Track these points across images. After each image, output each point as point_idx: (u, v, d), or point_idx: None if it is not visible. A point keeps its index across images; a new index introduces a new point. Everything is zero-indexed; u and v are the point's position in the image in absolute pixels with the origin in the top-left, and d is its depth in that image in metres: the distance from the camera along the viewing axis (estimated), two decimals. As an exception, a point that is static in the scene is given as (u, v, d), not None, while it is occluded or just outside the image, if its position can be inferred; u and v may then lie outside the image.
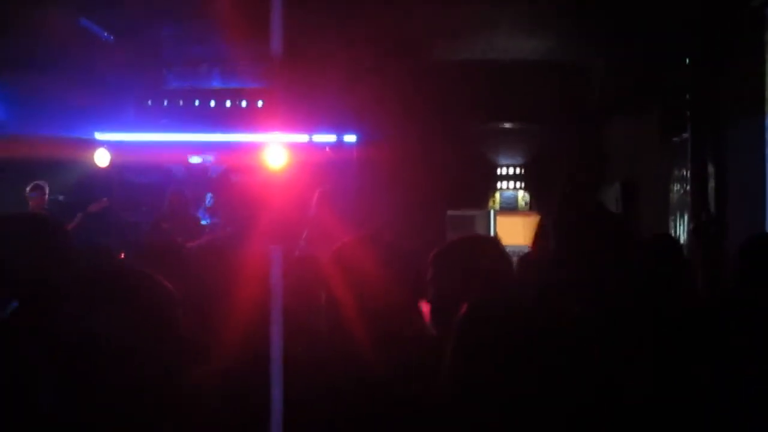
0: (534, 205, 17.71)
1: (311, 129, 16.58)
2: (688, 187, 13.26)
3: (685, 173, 13.49)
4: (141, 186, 17.87)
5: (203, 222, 16.46)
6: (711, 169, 12.81)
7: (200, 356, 4.19)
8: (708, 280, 11.16)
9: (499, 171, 18.07)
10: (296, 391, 3.21)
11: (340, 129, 16.87)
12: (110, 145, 17.56)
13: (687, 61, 13.30)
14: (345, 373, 3.94)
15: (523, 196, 17.99)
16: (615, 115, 16.29)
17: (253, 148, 16.91)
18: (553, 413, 3.92)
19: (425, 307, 4.56)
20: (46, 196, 15.70)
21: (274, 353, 2.97)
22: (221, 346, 4.23)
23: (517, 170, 18.04)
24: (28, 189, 15.73)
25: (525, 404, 3.89)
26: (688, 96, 13.37)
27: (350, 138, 16.98)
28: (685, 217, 13.46)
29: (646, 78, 14.61)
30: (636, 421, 4.19)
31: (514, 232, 16.56)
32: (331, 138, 16.99)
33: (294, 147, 16.21)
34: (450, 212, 16.54)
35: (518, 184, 18.04)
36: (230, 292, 4.39)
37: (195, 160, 18.54)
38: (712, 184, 12.76)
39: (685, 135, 13.46)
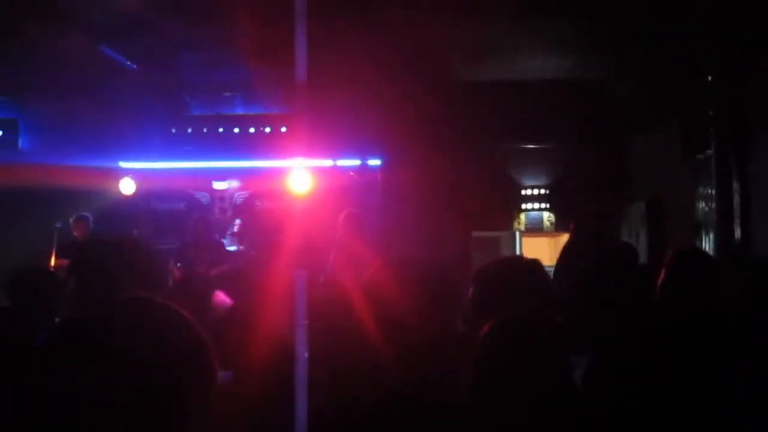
0: (559, 226, 17.65)
1: (335, 153, 16.59)
2: (713, 205, 13.21)
3: (710, 191, 13.45)
4: (166, 213, 17.91)
5: (229, 248, 16.48)
6: (736, 185, 12.76)
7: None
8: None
9: (523, 192, 18.04)
10: (321, 414, 3.21)
11: (364, 153, 16.88)
12: (135, 174, 17.61)
13: (709, 78, 13.26)
14: (376, 394, 3.93)
15: (548, 217, 17.94)
16: (638, 133, 16.26)
17: (277, 173, 16.93)
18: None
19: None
20: (90, 226, 15.79)
21: (298, 376, 2.98)
22: (245, 372, 4.25)
23: (542, 191, 18.00)
24: (72, 219, 15.82)
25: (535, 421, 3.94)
26: (711, 112, 13.32)
27: (374, 161, 17.00)
28: (711, 235, 13.42)
29: (668, 96, 14.58)
30: None
31: (540, 253, 16.52)
32: (356, 162, 17.00)
33: (318, 171, 16.23)
34: (475, 233, 16.54)
35: (543, 205, 18.00)
36: (253, 317, 4.39)
37: (220, 186, 18.57)
38: (737, 200, 12.71)
39: (709, 152, 13.42)
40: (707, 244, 13.48)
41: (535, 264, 5.17)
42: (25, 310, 6.27)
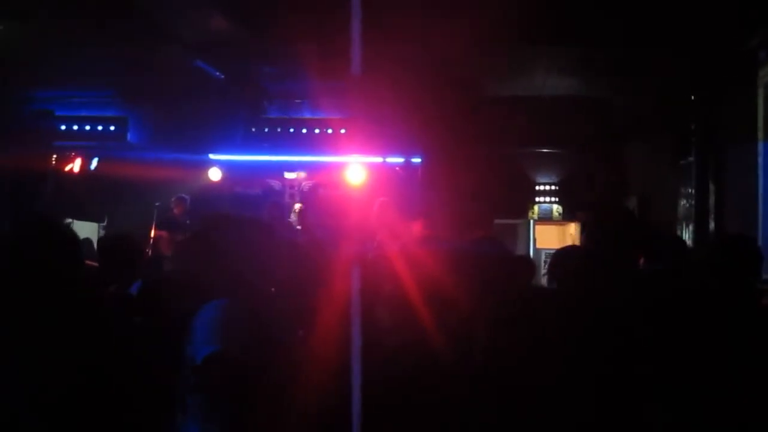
0: (566, 216, 17.65)
1: (384, 152, 16.66)
2: (693, 202, 13.24)
3: (690, 190, 13.47)
4: (246, 197, 18.04)
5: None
6: (712, 186, 12.79)
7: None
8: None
9: (537, 187, 18.01)
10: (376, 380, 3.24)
11: (407, 152, 16.94)
12: (221, 164, 17.79)
13: (692, 97, 13.29)
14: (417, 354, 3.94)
15: (557, 209, 17.90)
16: (633, 141, 16.27)
17: (337, 167, 17.04)
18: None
19: None
20: (187, 205, 15.98)
21: (354, 335, 3.05)
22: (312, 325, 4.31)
23: (552, 187, 17.96)
24: (173, 199, 16.02)
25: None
26: (693, 126, 13.35)
27: (416, 159, 17.06)
28: (690, 227, 13.43)
29: (658, 111, 14.62)
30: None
31: (550, 238, 16.70)
32: (400, 159, 17.07)
33: (370, 166, 16.31)
34: (497, 221, 16.57)
35: (553, 198, 17.96)
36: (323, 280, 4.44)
37: (290, 176, 18.69)
38: (712, 199, 12.75)
39: (691, 158, 13.45)
40: (687, 235, 13.50)
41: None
42: (113, 269, 6.35)
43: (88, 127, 17.49)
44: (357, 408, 2.90)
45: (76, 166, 17.42)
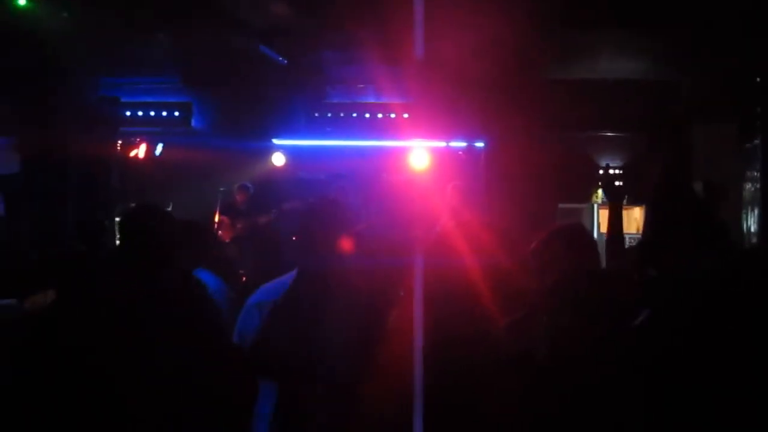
0: (630, 200, 17.53)
1: (448, 136, 16.68)
2: (758, 185, 13.14)
3: (756, 174, 13.37)
4: (309, 181, 18.15)
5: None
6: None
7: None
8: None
9: (601, 171, 17.90)
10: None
11: (470, 136, 16.96)
12: (285, 149, 17.92)
13: (758, 79, 13.19)
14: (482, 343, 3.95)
15: (621, 193, 17.76)
16: (698, 124, 16.14)
17: (400, 151, 17.09)
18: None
19: None
20: (250, 193, 16.14)
21: (416, 315, 3.11)
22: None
23: (617, 171, 17.83)
24: (236, 186, 16.19)
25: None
26: (759, 109, 13.24)
27: (479, 144, 17.07)
28: (756, 211, 13.34)
29: (725, 94, 14.49)
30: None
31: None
32: (464, 144, 17.08)
33: (434, 151, 16.34)
34: (561, 205, 16.52)
35: (618, 183, 17.83)
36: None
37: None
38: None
39: (757, 141, 13.34)
40: (752, 218, 13.41)
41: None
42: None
43: (152, 113, 17.73)
44: (419, 398, 2.95)
45: (141, 151, 17.62)
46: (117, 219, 16.32)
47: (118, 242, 6.63)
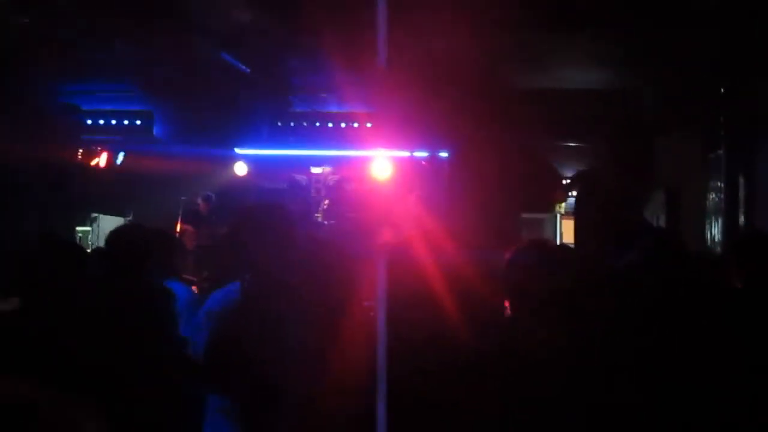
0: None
1: (412, 146, 16.66)
2: (722, 195, 13.18)
3: (719, 184, 13.41)
4: (272, 191, 18.12)
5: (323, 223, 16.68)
6: (741, 180, 12.73)
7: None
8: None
9: (564, 181, 17.95)
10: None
11: (434, 146, 16.94)
12: (247, 158, 17.86)
13: (722, 90, 13.23)
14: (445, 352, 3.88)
15: (584, 203, 17.82)
16: (662, 134, 16.20)
17: (363, 161, 17.07)
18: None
19: None
20: (213, 203, 16.10)
21: (379, 322, 3.04)
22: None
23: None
24: (200, 198, 16.14)
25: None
26: (722, 119, 13.28)
27: (443, 153, 17.07)
28: (719, 221, 13.38)
29: (688, 104, 14.55)
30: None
31: (576, 233, 16.63)
32: (427, 153, 17.07)
33: (397, 160, 16.33)
34: (524, 215, 16.55)
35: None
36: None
37: (316, 170, 18.75)
38: (742, 192, 12.68)
39: (720, 151, 13.39)
40: (715, 229, 13.46)
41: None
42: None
43: (114, 122, 17.61)
44: (382, 403, 2.89)
45: (102, 160, 17.53)
46: (78, 228, 16.29)
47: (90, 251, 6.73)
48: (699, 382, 3.99)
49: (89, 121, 17.25)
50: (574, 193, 18.03)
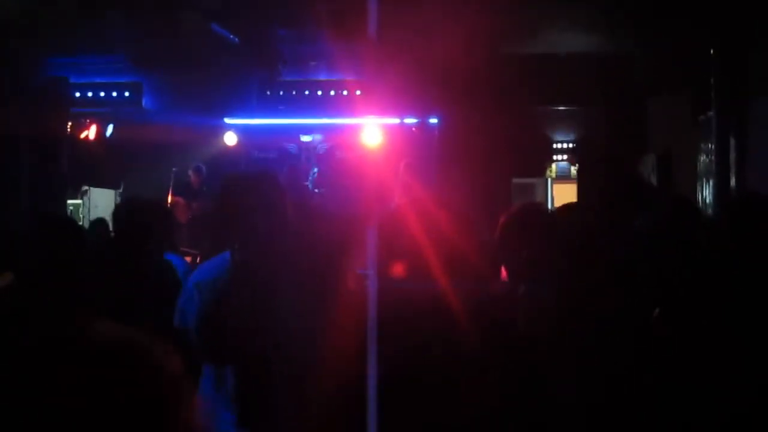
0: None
1: (401, 113, 16.63)
2: (713, 158, 13.17)
3: (710, 146, 13.39)
4: (262, 160, 18.10)
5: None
6: (732, 142, 12.71)
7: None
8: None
9: (555, 145, 17.95)
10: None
11: (424, 113, 16.92)
12: (237, 128, 17.81)
13: (711, 51, 13.19)
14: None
15: (575, 167, 17.86)
16: (652, 97, 16.18)
17: (353, 129, 17.05)
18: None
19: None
20: (204, 174, 16.08)
21: (371, 289, 3.02)
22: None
23: (570, 145, 17.89)
24: (191, 169, 16.10)
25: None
26: (713, 80, 13.25)
27: (433, 120, 17.04)
28: (710, 183, 13.38)
29: (678, 66, 14.53)
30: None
31: (567, 196, 16.58)
32: (417, 120, 17.05)
33: (387, 128, 16.31)
34: (515, 180, 16.55)
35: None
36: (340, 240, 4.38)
37: (306, 139, 18.72)
38: (733, 154, 12.67)
39: (711, 113, 13.36)
40: (707, 191, 13.47)
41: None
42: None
43: (102, 94, 17.51)
44: (373, 379, 2.87)
45: (91, 133, 17.48)
46: (69, 201, 16.25)
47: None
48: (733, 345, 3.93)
49: (77, 94, 17.14)
50: (565, 157, 18.08)
